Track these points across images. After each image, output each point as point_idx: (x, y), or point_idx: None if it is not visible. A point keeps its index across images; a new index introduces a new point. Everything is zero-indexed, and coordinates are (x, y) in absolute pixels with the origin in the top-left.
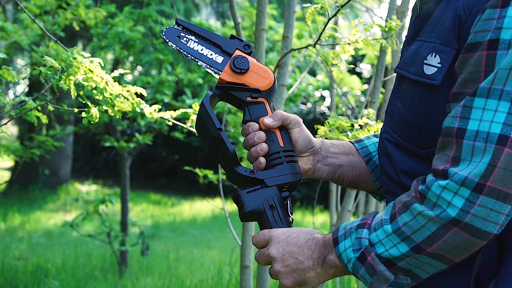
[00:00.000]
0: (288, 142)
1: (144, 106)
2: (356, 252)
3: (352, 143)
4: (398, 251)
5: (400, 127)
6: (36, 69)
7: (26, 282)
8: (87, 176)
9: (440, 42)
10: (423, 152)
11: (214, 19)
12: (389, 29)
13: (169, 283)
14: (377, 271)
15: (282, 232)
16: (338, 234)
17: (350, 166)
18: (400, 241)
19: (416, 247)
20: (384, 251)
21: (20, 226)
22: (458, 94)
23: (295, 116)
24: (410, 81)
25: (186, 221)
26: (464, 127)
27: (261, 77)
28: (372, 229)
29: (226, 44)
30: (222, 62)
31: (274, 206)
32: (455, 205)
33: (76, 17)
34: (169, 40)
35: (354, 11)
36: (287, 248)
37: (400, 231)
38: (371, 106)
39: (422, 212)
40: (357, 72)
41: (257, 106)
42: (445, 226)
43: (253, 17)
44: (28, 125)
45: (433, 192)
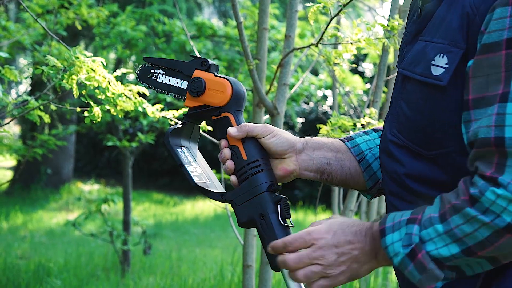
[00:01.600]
0: (254, 152)
1: (146, 106)
2: (406, 247)
3: (343, 141)
4: (448, 251)
5: (406, 128)
6: (39, 69)
7: (28, 281)
8: (90, 175)
9: (448, 43)
10: (429, 154)
11: (216, 18)
12: (391, 28)
13: (172, 282)
14: (428, 269)
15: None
16: (386, 225)
17: (339, 165)
18: (452, 242)
19: (467, 250)
20: (434, 249)
21: (22, 225)
22: (481, 99)
23: (262, 126)
24: (415, 81)
25: (188, 220)
26: (501, 135)
27: (219, 92)
28: (422, 226)
29: (186, 67)
30: (187, 88)
31: (263, 214)
32: (510, 211)
33: (79, 17)
34: (142, 81)
35: (356, 11)
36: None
37: (452, 233)
38: (374, 105)
39: (476, 217)
40: (359, 71)
41: (223, 122)
42: (499, 232)
43: (255, 16)
44: (31, 125)
45: (488, 197)
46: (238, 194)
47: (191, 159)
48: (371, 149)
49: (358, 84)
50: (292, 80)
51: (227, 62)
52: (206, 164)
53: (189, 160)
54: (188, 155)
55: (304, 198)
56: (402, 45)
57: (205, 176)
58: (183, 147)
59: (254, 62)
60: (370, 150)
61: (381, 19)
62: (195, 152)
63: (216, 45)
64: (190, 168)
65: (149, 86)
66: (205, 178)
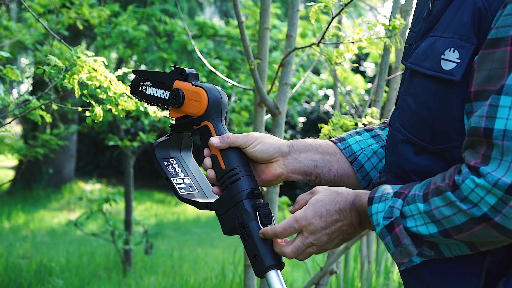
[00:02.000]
0: (232, 160)
1: (148, 105)
2: (386, 219)
3: (335, 142)
4: (427, 230)
5: (411, 122)
6: (40, 68)
7: (30, 280)
8: (91, 175)
9: (459, 37)
10: (434, 148)
11: (217, 18)
12: (393, 27)
13: (173, 282)
14: (402, 243)
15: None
16: (375, 195)
17: (327, 167)
18: (431, 222)
19: (444, 232)
20: (413, 226)
21: (24, 225)
22: (482, 92)
23: (244, 136)
24: (424, 76)
25: (190, 220)
26: (491, 126)
27: (196, 102)
28: (406, 202)
29: (167, 78)
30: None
31: (243, 223)
32: (487, 201)
33: (80, 16)
34: (133, 95)
35: (358, 10)
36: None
37: (431, 213)
38: (375, 105)
39: (455, 202)
40: (361, 71)
41: (204, 131)
42: (475, 220)
43: (257, 16)
44: (32, 124)
45: (467, 185)
46: (221, 203)
47: (179, 170)
48: (363, 150)
49: (360, 83)
50: (294, 80)
51: (229, 61)
52: (200, 172)
53: (176, 172)
54: (176, 166)
55: None
56: (410, 42)
57: (193, 186)
58: (172, 159)
59: (256, 62)
60: (362, 151)
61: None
62: (187, 161)
63: (218, 44)
64: (176, 180)
65: (140, 99)
66: (193, 188)
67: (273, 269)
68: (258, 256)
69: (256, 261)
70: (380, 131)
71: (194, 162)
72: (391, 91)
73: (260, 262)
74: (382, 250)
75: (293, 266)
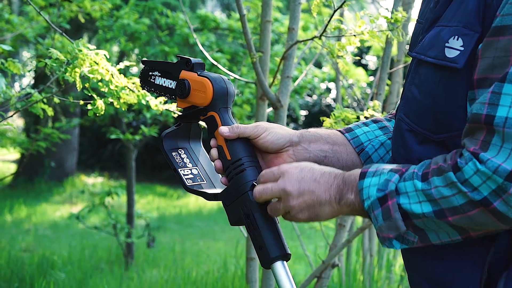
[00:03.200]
0: (237, 151)
1: (150, 99)
2: (379, 192)
3: (342, 133)
4: (420, 208)
5: (415, 112)
6: (42, 62)
7: (32, 274)
8: (93, 168)
9: (463, 25)
10: (437, 137)
11: (219, 11)
12: (395, 20)
13: (175, 275)
14: (392, 217)
15: (294, 166)
16: (369, 170)
17: (336, 157)
18: (426, 201)
19: (439, 212)
20: (406, 203)
21: (26, 218)
22: (484, 80)
23: (253, 126)
24: (428, 65)
25: (192, 213)
26: (493, 113)
27: (202, 92)
28: (402, 178)
29: (174, 68)
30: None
31: (249, 214)
32: (488, 186)
33: (82, 10)
34: (143, 85)
35: (359, 3)
36: (303, 182)
37: (429, 192)
38: (377, 98)
39: (456, 183)
40: (363, 64)
41: (210, 121)
42: (473, 203)
43: (259, 9)
44: (34, 118)
45: (470, 167)
46: (227, 194)
47: (187, 161)
48: (370, 141)
49: (362, 76)
50: (296, 73)
51: (231, 55)
52: (209, 162)
53: (184, 162)
54: (184, 156)
55: None
56: (416, 33)
57: (201, 176)
58: (181, 149)
59: (257, 55)
60: (369, 142)
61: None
62: (196, 151)
63: (219, 38)
64: (184, 171)
65: (149, 89)
66: (201, 178)
67: (279, 261)
68: (264, 247)
69: (262, 252)
70: (387, 122)
71: (204, 152)
72: (393, 84)
73: (265, 253)
74: None
75: (295, 259)
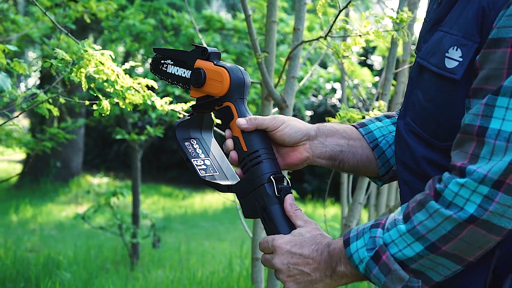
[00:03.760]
0: (254, 142)
1: (155, 99)
2: (370, 251)
3: (356, 128)
4: (412, 251)
5: (420, 117)
6: (47, 62)
7: (38, 274)
8: (99, 168)
9: (462, 35)
10: (441, 144)
11: (224, 12)
12: (400, 20)
13: (180, 275)
14: (392, 270)
15: (285, 242)
16: (350, 235)
17: (351, 152)
18: (414, 241)
19: (430, 246)
20: (397, 252)
21: (32, 218)
22: (479, 90)
23: (271, 118)
24: (431, 72)
25: (197, 214)
26: (486, 125)
27: (218, 82)
28: (385, 229)
29: (189, 57)
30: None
31: (264, 207)
32: (473, 202)
33: (87, 10)
34: (154, 72)
35: (365, 3)
36: (291, 260)
37: (415, 230)
38: (382, 98)
39: (438, 210)
40: (368, 64)
41: (225, 112)
42: (461, 225)
43: (264, 9)
44: (40, 118)
45: (451, 189)
46: (242, 186)
47: (200, 151)
48: (384, 136)
49: (367, 76)
50: (301, 73)
51: (236, 55)
52: (221, 154)
53: (197, 153)
54: (197, 147)
55: (313, 191)
56: (422, 32)
57: (214, 167)
58: (193, 139)
59: (263, 55)
60: (383, 137)
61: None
62: (208, 141)
63: (225, 38)
64: (197, 162)
65: (161, 77)
66: (214, 169)
67: None
68: None
69: None
70: None
71: (215, 143)
72: (398, 85)
73: None
74: None
75: None
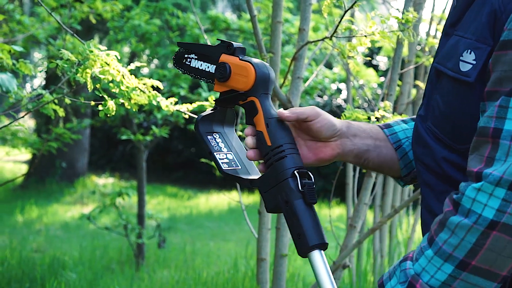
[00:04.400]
0: (277, 137)
1: (161, 99)
2: (403, 284)
3: (381, 128)
4: (443, 273)
5: (440, 121)
6: (53, 62)
7: (43, 274)
8: (104, 169)
9: (476, 38)
10: (460, 147)
11: (230, 12)
12: (406, 21)
13: (186, 275)
14: None
15: None
16: (383, 278)
17: (376, 152)
18: (443, 262)
19: (460, 264)
20: (430, 278)
21: (37, 218)
22: (493, 93)
23: (311, 109)
24: (447, 76)
25: (203, 214)
26: (500, 127)
27: (243, 77)
28: (414, 260)
29: (213, 52)
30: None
31: (287, 201)
32: (491, 206)
33: (93, 10)
34: (177, 66)
35: (370, 3)
36: None
37: (441, 251)
38: (388, 98)
39: (459, 223)
40: (373, 64)
41: (250, 107)
42: (484, 233)
43: (269, 9)
44: (45, 118)
45: (468, 196)
46: (265, 180)
47: (222, 145)
48: (408, 138)
49: (372, 77)
50: (306, 74)
51: None
52: (242, 148)
53: (219, 147)
54: (219, 141)
55: (318, 191)
56: (441, 37)
57: (236, 162)
58: (215, 133)
59: (268, 56)
60: (407, 139)
61: (395, 12)
62: (230, 136)
63: (230, 38)
64: (220, 155)
65: (184, 71)
66: (236, 164)
67: (317, 249)
68: (302, 235)
69: (300, 241)
70: None
71: (237, 138)
72: (404, 85)
73: (304, 241)
74: (394, 244)
75: (306, 260)
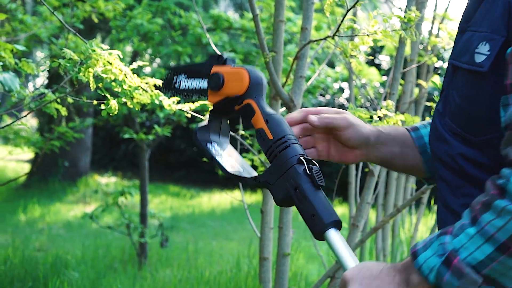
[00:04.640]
0: (278, 130)
1: (163, 98)
2: (440, 257)
3: (409, 131)
4: (482, 253)
5: (456, 116)
6: (55, 62)
7: (46, 273)
8: (106, 168)
9: (491, 31)
10: (477, 140)
11: (232, 11)
12: (408, 20)
13: (188, 274)
14: (465, 273)
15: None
16: (417, 247)
17: (402, 158)
18: (484, 242)
19: (501, 246)
20: (468, 256)
21: (40, 217)
22: None
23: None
24: (463, 70)
25: (205, 213)
26: None
27: (237, 82)
28: (454, 235)
29: (204, 67)
30: (207, 85)
31: (297, 186)
32: None
33: (95, 10)
34: (167, 91)
35: (373, 2)
36: (365, 281)
37: (483, 231)
38: (390, 97)
39: (506, 207)
40: (376, 63)
41: (246, 109)
42: None
43: (272, 8)
44: (48, 118)
45: None
46: (271, 172)
47: (221, 152)
48: None
49: (375, 76)
50: (309, 73)
51: (243, 54)
52: (238, 155)
53: (219, 153)
54: (218, 148)
55: None
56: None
57: (237, 165)
58: (213, 142)
59: (271, 55)
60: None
61: (398, 10)
62: (225, 146)
63: (232, 37)
64: (221, 159)
65: (174, 94)
66: (238, 167)
67: (332, 227)
68: (316, 214)
69: (314, 221)
70: None
71: (232, 148)
72: (406, 84)
73: (319, 220)
74: (397, 243)
75: (308, 259)
